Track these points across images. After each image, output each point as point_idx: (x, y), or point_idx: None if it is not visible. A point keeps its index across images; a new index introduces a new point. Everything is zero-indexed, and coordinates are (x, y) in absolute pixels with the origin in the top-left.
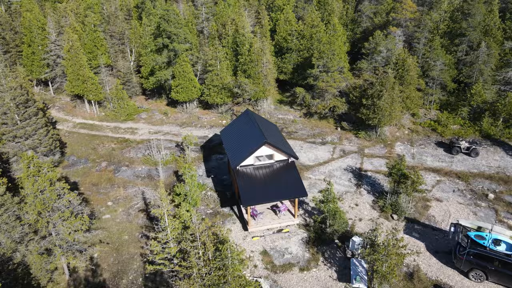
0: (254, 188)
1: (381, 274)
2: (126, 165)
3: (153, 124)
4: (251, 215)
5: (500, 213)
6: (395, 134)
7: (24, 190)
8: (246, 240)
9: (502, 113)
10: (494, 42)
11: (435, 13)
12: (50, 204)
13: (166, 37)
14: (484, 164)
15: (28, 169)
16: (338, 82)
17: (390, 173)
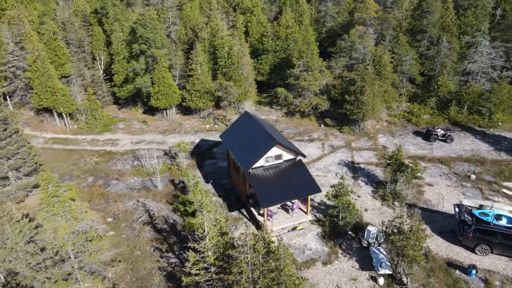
0: (270, 189)
1: (411, 258)
2: (115, 178)
3: (133, 133)
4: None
5: (484, 191)
6: (376, 127)
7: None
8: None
9: (467, 101)
10: (451, 37)
11: (397, 12)
12: (72, 226)
13: (143, 43)
14: (459, 149)
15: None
16: (320, 80)
17: (389, 163)
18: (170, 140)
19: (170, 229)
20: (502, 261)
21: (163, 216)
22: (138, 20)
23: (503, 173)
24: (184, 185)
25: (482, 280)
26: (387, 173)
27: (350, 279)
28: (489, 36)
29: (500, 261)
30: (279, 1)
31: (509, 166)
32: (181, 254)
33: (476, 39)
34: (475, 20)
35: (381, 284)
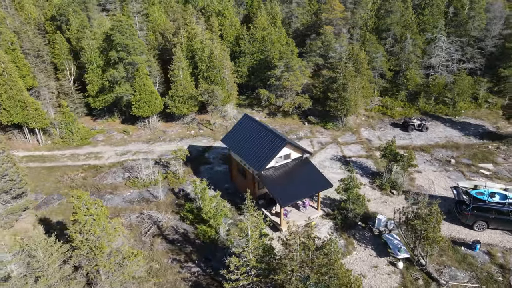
0: (285, 188)
1: (432, 240)
2: (109, 192)
3: (116, 145)
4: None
5: (465, 173)
6: (356, 121)
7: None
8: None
9: (433, 92)
10: (412, 34)
11: (362, 12)
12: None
13: (122, 50)
14: (435, 137)
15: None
16: (301, 80)
17: (384, 154)
18: (157, 148)
19: (183, 239)
20: (497, 234)
21: (171, 226)
22: (114, 26)
23: (476, 155)
24: (186, 193)
25: (485, 253)
26: (378, 164)
27: (371, 266)
28: (445, 32)
29: (496, 234)
30: (246, 4)
31: (479, 149)
32: (202, 262)
33: (434, 35)
34: (432, 18)
35: (401, 268)
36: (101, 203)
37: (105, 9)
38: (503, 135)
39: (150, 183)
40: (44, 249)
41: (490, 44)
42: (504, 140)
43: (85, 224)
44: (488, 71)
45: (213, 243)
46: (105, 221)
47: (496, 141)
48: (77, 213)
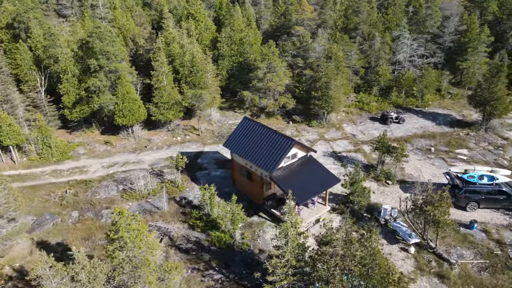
0: (298, 186)
1: (443, 223)
2: (105, 207)
3: (100, 157)
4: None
5: (446, 159)
6: (337, 118)
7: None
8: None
9: (404, 86)
10: (379, 32)
11: (332, 12)
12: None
13: (103, 58)
14: (411, 128)
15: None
16: (284, 80)
17: (377, 147)
18: (146, 158)
19: (196, 247)
20: (487, 213)
21: (182, 235)
22: (93, 33)
23: (451, 142)
24: (188, 200)
25: (482, 231)
26: (368, 157)
27: (386, 254)
28: (408, 30)
29: (486, 213)
30: (215, 6)
31: (452, 136)
32: (223, 268)
33: (399, 33)
34: (395, 17)
35: (413, 253)
36: (139, 217)
37: (61, 15)
38: (470, 122)
39: (149, 194)
40: (87, 271)
41: (448, 40)
42: (472, 126)
43: (127, 240)
44: (447, 65)
45: (229, 248)
46: (148, 235)
47: (465, 128)
48: (120, 230)
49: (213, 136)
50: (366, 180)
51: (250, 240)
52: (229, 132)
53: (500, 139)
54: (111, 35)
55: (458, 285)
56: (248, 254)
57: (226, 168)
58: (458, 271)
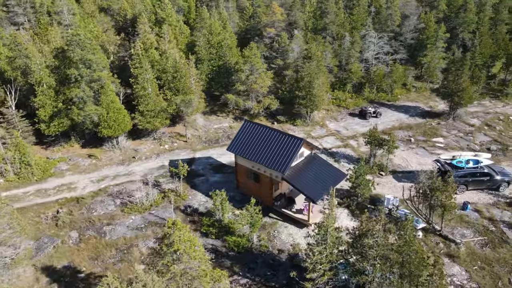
0: (311, 184)
1: (449, 207)
2: (107, 223)
3: (87, 172)
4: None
5: (426, 148)
6: (319, 116)
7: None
8: None
9: (376, 82)
10: (347, 32)
11: (302, 13)
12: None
13: (84, 66)
14: (388, 121)
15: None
16: (267, 82)
17: (369, 141)
18: (136, 169)
19: (215, 254)
20: (474, 194)
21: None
22: (72, 41)
23: (426, 132)
24: (193, 208)
25: (474, 211)
26: (357, 151)
27: None
28: (373, 29)
29: (473, 194)
30: (183, 10)
31: (426, 126)
32: (247, 272)
33: (365, 32)
34: (359, 17)
35: (421, 237)
36: (186, 227)
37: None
38: (438, 113)
39: (151, 205)
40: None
41: (409, 37)
42: (441, 116)
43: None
44: (410, 60)
45: (247, 252)
46: (200, 246)
47: (436, 118)
48: (175, 242)
49: (201, 141)
50: (369, 173)
51: (267, 241)
52: (216, 136)
53: (467, 126)
54: (91, 42)
55: (468, 262)
56: (268, 255)
57: (224, 172)
58: (464, 249)
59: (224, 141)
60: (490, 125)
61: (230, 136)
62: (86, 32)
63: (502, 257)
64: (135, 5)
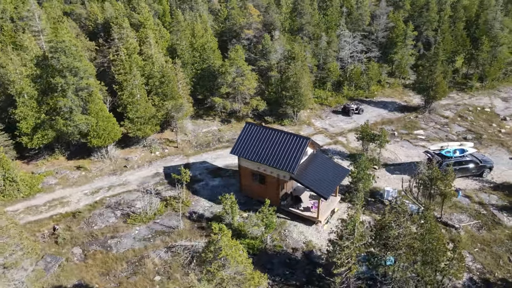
0: (319, 181)
1: (450, 195)
2: (110, 237)
3: (78, 184)
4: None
5: (410, 140)
6: (305, 114)
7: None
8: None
9: (354, 80)
10: (321, 32)
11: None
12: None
13: (70, 74)
14: (370, 116)
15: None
16: (253, 83)
17: (362, 137)
18: (130, 178)
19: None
20: (461, 180)
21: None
22: (57, 48)
23: (407, 125)
24: (199, 214)
25: (465, 197)
26: (347, 147)
27: None
28: (346, 28)
29: (459, 181)
30: (158, 14)
31: (405, 120)
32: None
33: (340, 32)
34: (333, 18)
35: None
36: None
37: None
38: (414, 107)
39: (155, 214)
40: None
41: (380, 36)
42: (418, 110)
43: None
44: (382, 58)
45: (262, 253)
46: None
47: (413, 112)
48: (223, 248)
49: (192, 146)
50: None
51: (279, 241)
52: (206, 140)
53: (442, 118)
54: (77, 49)
55: (469, 245)
56: (283, 255)
57: (222, 176)
58: (464, 233)
59: (215, 145)
60: (462, 116)
61: (220, 139)
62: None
63: (498, 238)
64: (106, 9)
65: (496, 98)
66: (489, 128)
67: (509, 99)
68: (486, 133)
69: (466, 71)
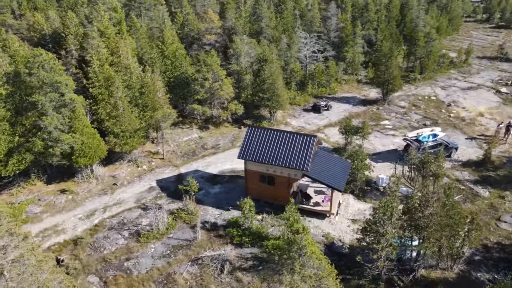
0: (330, 176)
1: (442, 175)
2: (126, 259)
3: (67, 210)
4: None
5: (380, 131)
6: (279, 114)
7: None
8: (337, 222)
9: (316, 79)
10: (280, 34)
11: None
12: None
13: (53, 90)
14: (339, 112)
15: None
16: (230, 87)
17: (346, 131)
18: (124, 196)
19: (258, 262)
20: None
21: (235, 256)
22: (32, 62)
23: (373, 117)
24: (212, 223)
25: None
26: (329, 142)
27: None
28: (302, 30)
29: None
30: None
31: (369, 112)
32: None
33: (301, 34)
34: (288, 20)
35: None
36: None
37: None
38: (373, 100)
39: (167, 229)
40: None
41: (332, 36)
42: (378, 102)
43: (313, 256)
44: (336, 56)
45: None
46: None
47: (374, 104)
48: (307, 246)
49: (178, 156)
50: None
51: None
52: (190, 149)
53: (400, 108)
54: (56, 62)
55: None
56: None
57: (220, 182)
58: None
59: (201, 152)
60: (416, 105)
61: (204, 146)
62: (12, 51)
63: (481, 208)
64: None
65: (436, 87)
66: (440, 114)
67: (447, 87)
68: (440, 118)
69: (407, 65)
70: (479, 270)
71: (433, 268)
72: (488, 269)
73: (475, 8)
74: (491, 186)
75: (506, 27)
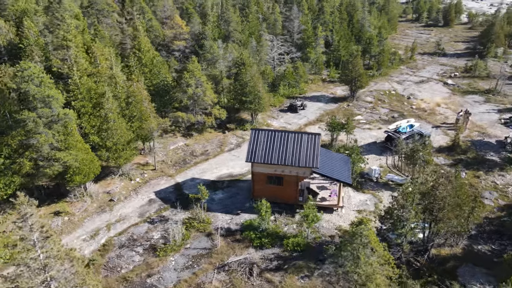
0: (337, 172)
1: (430, 161)
2: (147, 275)
3: (68, 232)
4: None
5: (354, 125)
6: (259, 116)
7: None
8: (344, 214)
9: (287, 79)
10: (247, 37)
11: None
12: None
13: (44, 105)
14: (315, 110)
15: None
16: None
17: (333, 128)
18: (125, 211)
19: (282, 261)
20: None
21: (260, 259)
22: (25, 76)
23: (345, 113)
24: (226, 228)
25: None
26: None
27: None
28: (267, 33)
29: None
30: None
31: (341, 109)
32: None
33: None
34: (253, 23)
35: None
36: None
37: None
38: (342, 97)
39: (183, 240)
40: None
41: (296, 38)
42: (347, 99)
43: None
44: (301, 57)
45: (306, 247)
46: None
47: (343, 101)
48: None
49: (169, 166)
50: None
51: (316, 233)
52: (180, 157)
53: (367, 104)
54: (45, 76)
55: None
56: (324, 243)
57: (221, 188)
58: None
59: (192, 160)
60: (381, 100)
61: (193, 153)
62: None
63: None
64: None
65: (393, 82)
66: (404, 106)
67: (402, 82)
68: (404, 110)
69: (363, 62)
70: (478, 243)
71: (441, 246)
72: (485, 241)
73: (405, 9)
74: (466, 168)
75: (434, 25)
